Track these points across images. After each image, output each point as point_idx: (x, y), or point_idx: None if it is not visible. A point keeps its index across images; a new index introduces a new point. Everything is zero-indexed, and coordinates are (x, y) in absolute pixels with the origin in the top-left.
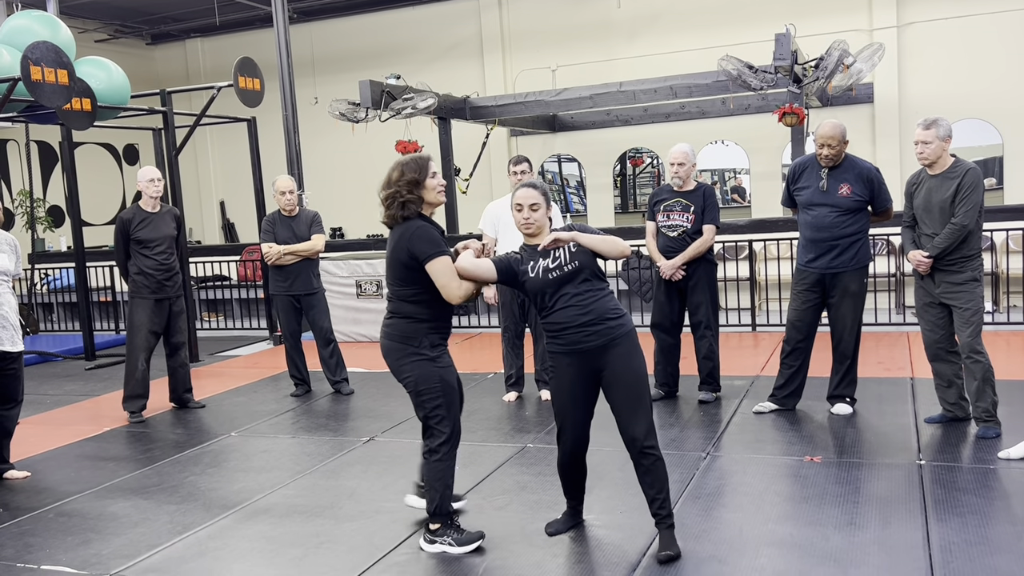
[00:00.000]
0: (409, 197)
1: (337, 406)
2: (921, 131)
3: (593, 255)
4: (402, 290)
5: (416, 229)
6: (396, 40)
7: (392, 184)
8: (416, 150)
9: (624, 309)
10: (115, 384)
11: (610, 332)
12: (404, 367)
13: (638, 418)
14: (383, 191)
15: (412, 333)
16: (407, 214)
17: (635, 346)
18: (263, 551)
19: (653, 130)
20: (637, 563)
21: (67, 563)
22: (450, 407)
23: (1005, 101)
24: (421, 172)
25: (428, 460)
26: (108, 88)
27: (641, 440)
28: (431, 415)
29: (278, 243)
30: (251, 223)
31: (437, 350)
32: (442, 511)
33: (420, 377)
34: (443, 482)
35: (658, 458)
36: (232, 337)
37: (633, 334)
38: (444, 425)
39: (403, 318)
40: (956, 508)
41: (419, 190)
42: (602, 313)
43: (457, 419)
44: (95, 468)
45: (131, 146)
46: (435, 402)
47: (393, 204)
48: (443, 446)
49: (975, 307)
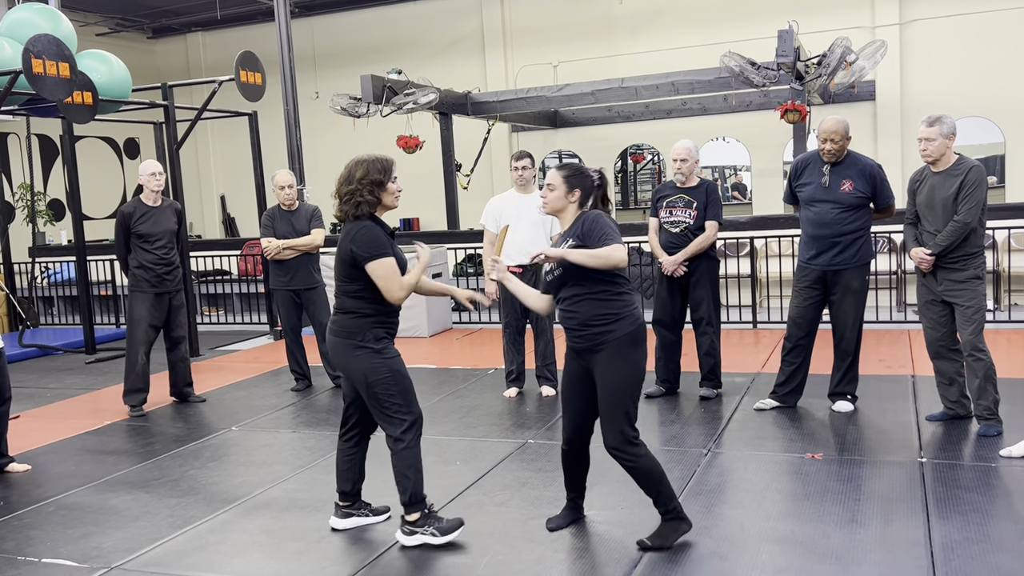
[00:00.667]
0: (368, 198)
1: (337, 401)
2: (925, 128)
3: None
4: (346, 286)
5: (360, 230)
6: (398, 35)
7: (354, 181)
8: (417, 145)
9: (622, 311)
10: (115, 378)
11: (593, 338)
12: (350, 362)
13: (604, 423)
14: (344, 186)
15: (355, 328)
16: (359, 213)
17: (620, 351)
18: (264, 545)
19: (655, 126)
20: (638, 558)
21: (68, 556)
22: (405, 394)
23: (1007, 99)
24: (385, 175)
25: (395, 450)
26: (109, 81)
27: (607, 445)
28: (387, 405)
29: (277, 238)
30: (252, 218)
31: (382, 343)
32: (417, 498)
33: (369, 370)
34: (414, 468)
35: (632, 465)
36: (232, 332)
37: (623, 339)
38: (403, 413)
39: (347, 313)
40: (957, 506)
41: (379, 191)
42: (585, 319)
43: (415, 404)
44: (96, 462)
45: (132, 140)
46: (388, 391)
47: (350, 201)
48: (407, 433)
49: (977, 305)
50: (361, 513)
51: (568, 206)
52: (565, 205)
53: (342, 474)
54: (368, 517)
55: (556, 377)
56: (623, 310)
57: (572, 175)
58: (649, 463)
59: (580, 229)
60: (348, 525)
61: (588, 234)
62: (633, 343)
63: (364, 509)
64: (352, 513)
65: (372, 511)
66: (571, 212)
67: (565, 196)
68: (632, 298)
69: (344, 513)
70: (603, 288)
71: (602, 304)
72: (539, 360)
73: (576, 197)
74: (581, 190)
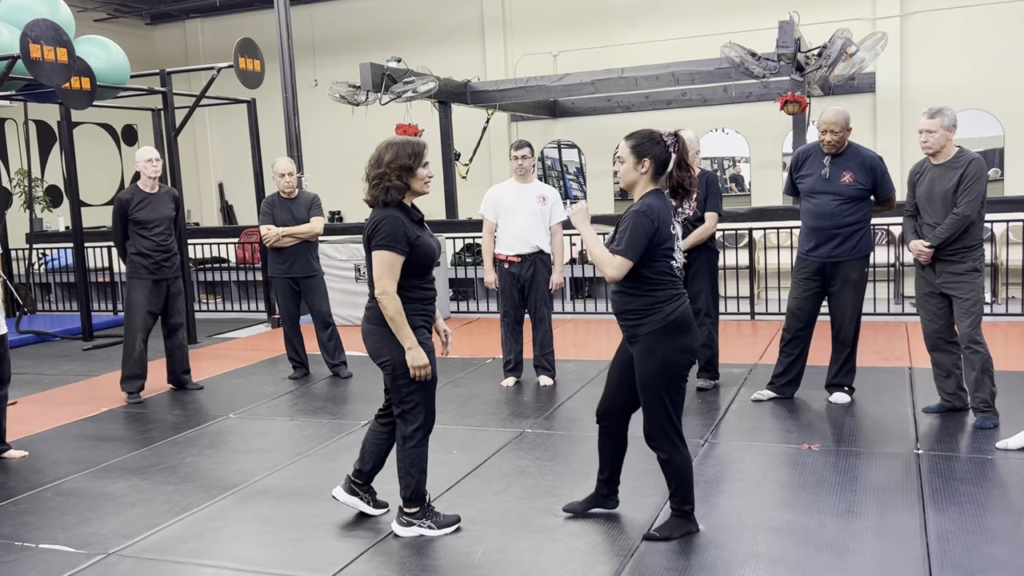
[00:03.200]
0: (396, 183)
1: (335, 389)
2: (926, 120)
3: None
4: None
5: (385, 219)
6: (397, 23)
7: (383, 165)
8: (416, 134)
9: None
10: (113, 365)
11: (627, 329)
12: (383, 350)
13: (644, 413)
14: (372, 169)
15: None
16: (388, 200)
17: (651, 346)
18: (261, 532)
19: (654, 117)
20: (635, 547)
21: (65, 542)
22: (425, 394)
23: (1007, 92)
24: (415, 160)
25: (402, 447)
26: (107, 67)
27: (644, 433)
28: (405, 400)
29: (277, 225)
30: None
31: (418, 333)
32: (418, 496)
33: (398, 362)
34: (418, 467)
35: (663, 458)
36: (230, 319)
37: (653, 335)
38: (418, 411)
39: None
40: (953, 497)
41: (408, 177)
42: (618, 310)
43: (432, 405)
44: (93, 448)
45: (130, 127)
46: (410, 387)
47: (379, 186)
48: (417, 432)
49: (975, 297)
50: (364, 498)
51: (640, 178)
52: (637, 178)
53: (366, 454)
54: (368, 505)
55: (554, 367)
56: (653, 306)
57: (640, 143)
58: (682, 462)
59: (626, 215)
60: (348, 502)
61: (620, 225)
62: (661, 339)
63: (369, 495)
64: (358, 492)
65: (374, 502)
66: (643, 185)
67: (635, 167)
68: (667, 292)
69: (351, 489)
70: (630, 285)
71: (631, 299)
72: (537, 350)
73: (647, 167)
74: (651, 159)
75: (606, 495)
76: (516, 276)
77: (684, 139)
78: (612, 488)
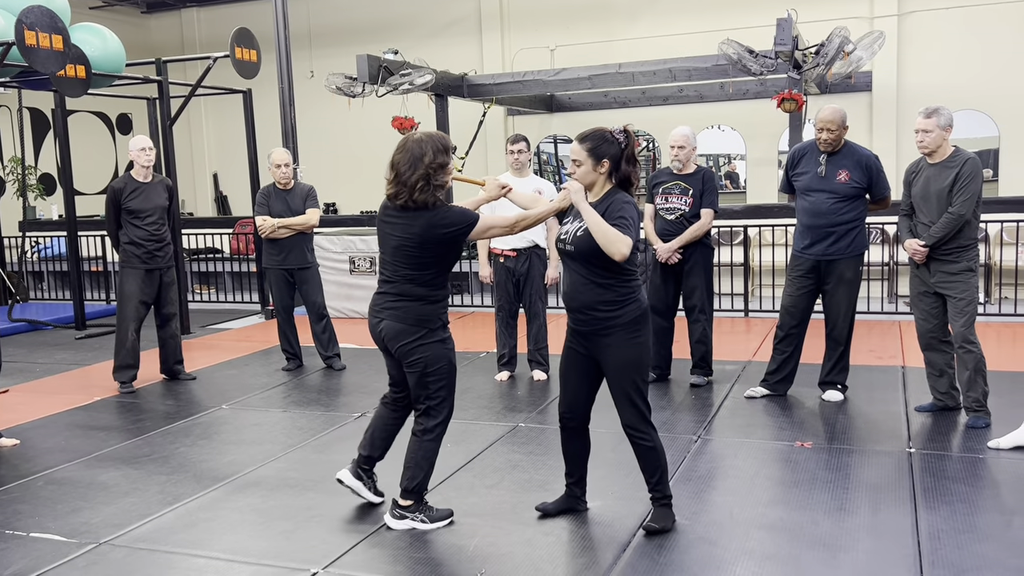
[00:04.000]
0: (442, 181)
1: (329, 381)
2: (922, 119)
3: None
4: (417, 273)
5: (447, 212)
6: (393, 15)
7: (424, 166)
8: (413, 127)
9: (627, 297)
10: (105, 354)
11: (597, 323)
12: (415, 350)
13: (620, 407)
14: (410, 172)
15: (428, 315)
16: (436, 200)
17: (626, 336)
18: (253, 523)
19: (650, 113)
20: (628, 542)
21: (56, 531)
22: (451, 390)
23: (1003, 93)
24: (447, 154)
25: (420, 438)
26: (103, 55)
27: (624, 425)
28: (433, 396)
29: (272, 216)
30: (244, 196)
31: (447, 330)
32: (418, 490)
33: (431, 359)
34: (429, 461)
35: (648, 446)
36: (224, 310)
37: (628, 325)
38: (443, 407)
39: (416, 300)
40: (945, 496)
41: (444, 173)
42: (589, 303)
43: (453, 402)
44: (85, 437)
45: (124, 115)
46: (439, 384)
47: (427, 188)
48: (438, 427)
49: (969, 297)
50: (368, 484)
51: (599, 178)
52: (596, 177)
53: (377, 440)
54: (370, 492)
55: (548, 361)
56: (628, 296)
57: (597, 145)
58: (662, 448)
59: (607, 207)
60: (353, 485)
61: (611, 213)
62: (638, 327)
63: (372, 481)
64: (363, 477)
65: (375, 489)
66: (602, 183)
67: (594, 169)
68: (638, 283)
69: (357, 473)
70: (609, 275)
71: (606, 290)
72: (531, 344)
73: (606, 167)
74: (609, 158)
75: (577, 496)
76: (511, 270)
77: (632, 134)
78: (583, 489)
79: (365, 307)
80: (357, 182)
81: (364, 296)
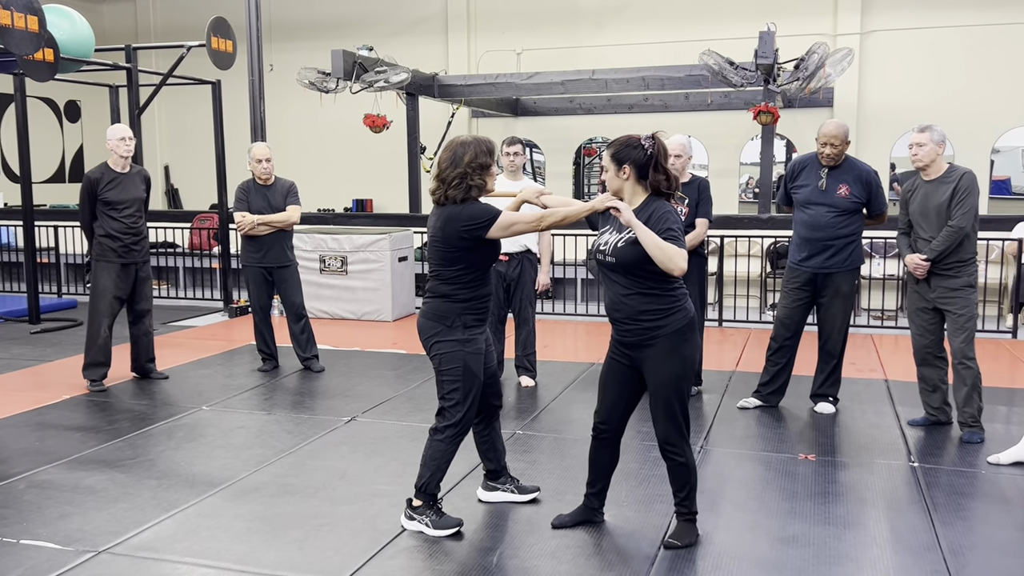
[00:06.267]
0: (478, 182)
1: (310, 383)
2: (916, 134)
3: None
4: (444, 270)
5: (466, 208)
6: (358, 11)
7: (462, 164)
8: (385, 125)
9: (674, 305)
10: (65, 350)
11: (642, 332)
12: (434, 346)
13: (658, 420)
14: (451, 169)
15: (446, 312)
16: (467, 197)
17: (672, 346)
18: (261, 532)
19: (616, 120)
20: (655, 556)
21: (48, 538)
22: (467, 394)
23: (958, 112)
24: (491, 157)
25: (431, 437)
26: (71, 39)
27: (660, 441)
28: (447, 397)
29: (252, 212)
30: (196, 189)
31: (469, 332)
32: (428, 490)
33: (445, 358)
34: (437, 463)
35: (680, 461)
36: (183, 307)
37: (674, 334)
38: (457, 410)
39: (439, 297)
40: (960, 511)
41: (485, 175)
42: (633, 313)
43: (471, 408)
44: (60, 438)
45: (73, 102)
46: (453, 385)
47: (460, 185)
48: (449, 429)
49: (969, 313)
50: (507, 489)
51: (624, 184)
52: (621, 184)
53: (484, 452)
54: (514, 494)
55: (536, 368)
56: (674, 304)
57: (619, 150)
58: (694, 464)
59: (648, 216)
60: (493, 499)
61: (655, 223)
62: (684, 337)
63: (510, 484)
64: (497, 488)
65: (519, 488)
66: (631, 190)
67: (617, 175)
68: (683, 291)
69: (489, 487)
70: (654, 284)
71: (652, 299)
72: (519, 350)
73: (628, 173)
74: (631, 164)
75: (595, 508)
76: (503, 275)
77: (661, 142)
78: (602, 501)
79: (336, 307)
80: (319, 179)
81: (334, 296)
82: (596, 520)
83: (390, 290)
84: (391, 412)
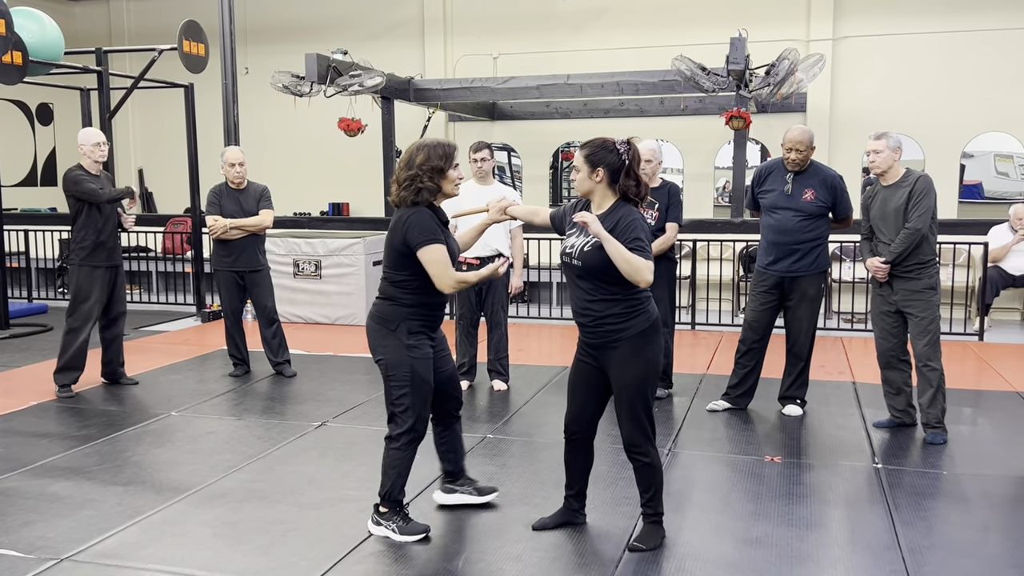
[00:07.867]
0: (428, 184)
1: (281, 388)
2: (872, 142)
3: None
4: (393, 274)
5: (414, 214)
6: (333, 15)
7: (414, 167)
8: (360, 129)
9: (636, 308)
10: (34, 355)
11: (606, 335)
12: (378, 349)
13: (623, 422)
14: (404, 171)
15: (391, 316)
16: (419, 200)
17: (635, 348)
18: (226, 537)
19: (591, 125)
20: (618, 558)
21: (11, 546)
22: (415, 399)
23: (928, 118)
24: (447, 161)
25: (387, 446)
26: (40, 42)
27: (625, 442)
28: (396, 403)
29: (224, 216)
30: (170, 193)
31: (415, 338)
32: (391, 498)
33: (391, 362)
34: (396, 471)
35: (644, 463)
36: (155, 311)
37: (637, 336)
38: (407, 415)
39: (386, 300)
40: (920, 512)
41: (439, 178)
42: (599, 316)
43: (422, 413)
44: (27, 444)
45: (45, 105)
46: (401, 391)
47: (410, 187)
48: (403, 436)
49: (931, 316)
50: (465, 491)
51: (596, 187)
52: (592, 186)
53: (443, 454)
54: (472, 496)
55: (508, 371)
56: (637, 307)
57: (593, 152)
58: (660, 466)
59: (615, 223)
60: (452, 501)
61: (622, 232)
62: (647, 339)
63: (468, 486)
64: (456, 490)
65: (477, 490)
66: (601, 193)
67: (589, 176)
68: (647, 294)
69: (448, 490)
70: (618, 289)
71: (615, 304)
72: (491, 353)
73: (601, 176)
74: (605, 167)
75: (576, 510)
76: None
77: (636, 148)
78: (581, 503)
79: (309, 312)
80: (290, 183)
81: (308, 300)
82: (578, 521)
83: (364, 294)
84: (362, 417)
